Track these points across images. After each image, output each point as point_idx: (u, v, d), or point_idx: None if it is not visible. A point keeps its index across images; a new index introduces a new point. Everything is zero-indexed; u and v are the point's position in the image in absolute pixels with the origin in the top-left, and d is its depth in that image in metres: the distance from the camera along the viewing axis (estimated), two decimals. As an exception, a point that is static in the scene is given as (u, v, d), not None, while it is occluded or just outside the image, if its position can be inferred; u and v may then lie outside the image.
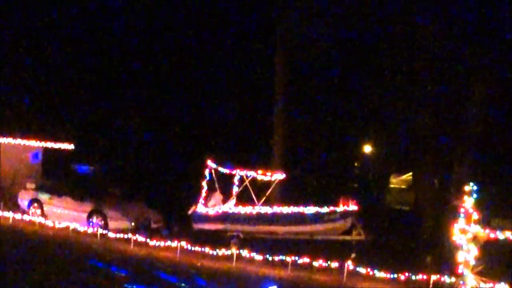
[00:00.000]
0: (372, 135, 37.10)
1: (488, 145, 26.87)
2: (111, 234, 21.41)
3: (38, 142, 27.01)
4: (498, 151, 27.25)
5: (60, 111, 33.15)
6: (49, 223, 22.55)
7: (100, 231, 21.54)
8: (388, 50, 27.00)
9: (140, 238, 20.88)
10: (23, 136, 26.59)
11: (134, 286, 15.73)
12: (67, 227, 22.00)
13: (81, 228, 21.97)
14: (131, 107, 35.04)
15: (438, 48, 24.97)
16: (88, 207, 22.97)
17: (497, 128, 26.91)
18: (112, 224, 22.39)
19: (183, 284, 16.60)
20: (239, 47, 31.98)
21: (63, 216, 23.12)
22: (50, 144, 27.36)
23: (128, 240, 20.83)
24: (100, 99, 34.50)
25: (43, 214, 23.47)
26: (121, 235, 21.19)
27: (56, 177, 25.95)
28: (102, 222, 22.48)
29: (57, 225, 22.27)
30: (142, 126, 35.17)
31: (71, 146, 28.19)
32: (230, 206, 22.18)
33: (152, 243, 20.71)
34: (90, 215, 22.75)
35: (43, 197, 23.85)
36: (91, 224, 22.51)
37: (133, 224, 22.44)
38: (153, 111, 34.69)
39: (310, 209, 21.10)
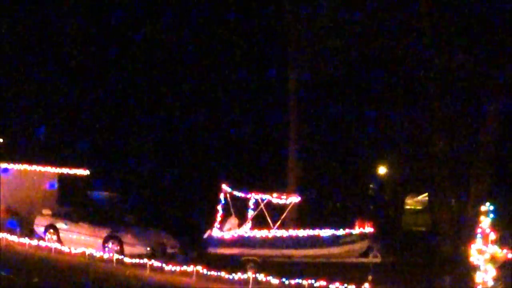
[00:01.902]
0: (387, 156, 36.96)
1: (504, 164, 26.77)
2: (127, 260, 21.41)
3: (54, 168, 27.15)
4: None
5: (76, 137, 33.36)
6: (65, 249, 22.59)
7: (116, 256, 21.55)
8: (403, 72, 27.03)
9: (156, 264, 20.84)
10: (38, 163, 26.73)
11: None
12: (83, 253, 22.03)
13: (97, 254, 21.99)
14: (146, 132, 35.19)
15: (452, 69, 24.99)
16: (103, 232, 23.00)
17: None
18: (127, 249, 22.39)
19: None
20: (254, 71, 32.17)
21: (79, 242, 23.17)
22: (65, 170, 27.49)
23: (144, 266, 20.81)
24: (115, 125, 34.70)
25: (59, 240, 23.52)
26: (137, 261, 21.19)
27: (72, 203, 26.04)
28: (118, 247, 22.49)
29: (73, 251, 22.31)
30: (157, 151, 35.28)
31: (86, 172, 28.30)
32: (246, 230, 22.13)
33: (168, 268, 20.65)
34: (105, 241, 22.78)
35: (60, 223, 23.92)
36: (106, 249, 22.52)
37: (148, 249, 22.42)
38: (169, 136, 34.83)
39: (326, 232, 21.02)
